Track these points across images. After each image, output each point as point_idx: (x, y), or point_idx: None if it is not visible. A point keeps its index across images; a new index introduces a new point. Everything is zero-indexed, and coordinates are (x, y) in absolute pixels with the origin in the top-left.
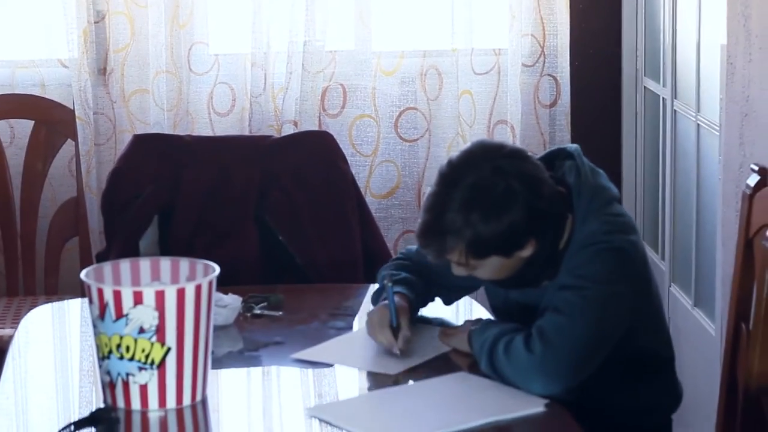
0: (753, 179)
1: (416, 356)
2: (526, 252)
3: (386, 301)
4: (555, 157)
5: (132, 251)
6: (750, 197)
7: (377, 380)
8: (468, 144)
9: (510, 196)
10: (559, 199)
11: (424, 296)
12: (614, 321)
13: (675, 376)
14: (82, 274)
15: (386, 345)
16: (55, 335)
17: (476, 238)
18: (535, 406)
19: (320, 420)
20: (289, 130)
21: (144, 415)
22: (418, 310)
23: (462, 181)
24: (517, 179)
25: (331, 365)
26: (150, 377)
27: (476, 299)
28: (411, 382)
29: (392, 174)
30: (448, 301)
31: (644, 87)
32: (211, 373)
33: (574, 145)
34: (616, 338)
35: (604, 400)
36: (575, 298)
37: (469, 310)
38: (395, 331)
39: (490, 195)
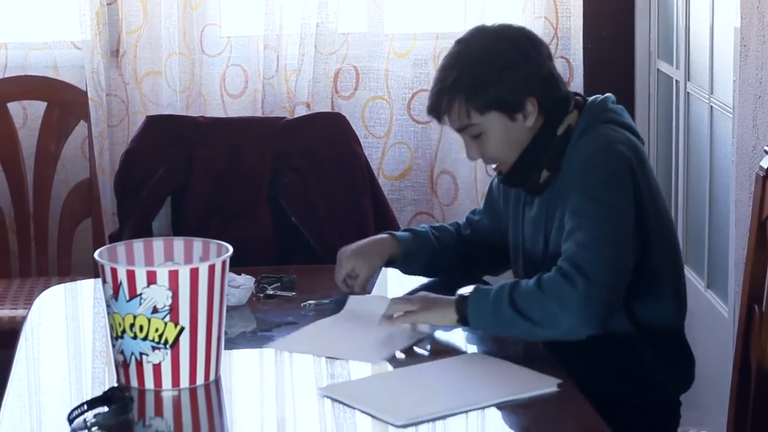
0: (766, 161)
1: (395, 343)
2: (529, 116)
3: None
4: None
5: (145, 232)
6: (763, 179)
7: (390, 361)
8: None
9: (511, 48)
10: (564, 85)
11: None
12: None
13: (686, 341)
14: (96, 254)
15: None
16: (68, 316)
17: (473, 82)
18: (548, 386)
19: (333, 399)
20: (301, 111)
21: (157, 394)
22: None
23: (462, 45)
24: (521, 36)
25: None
26: (163, 357)
27: None
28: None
29: (405, 156)
30: (494, 269)
31: (657, 69)
32: (224, 353)
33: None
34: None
35: (613, 373)
36: (596, 229)
37: None
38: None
39: (490, 49)
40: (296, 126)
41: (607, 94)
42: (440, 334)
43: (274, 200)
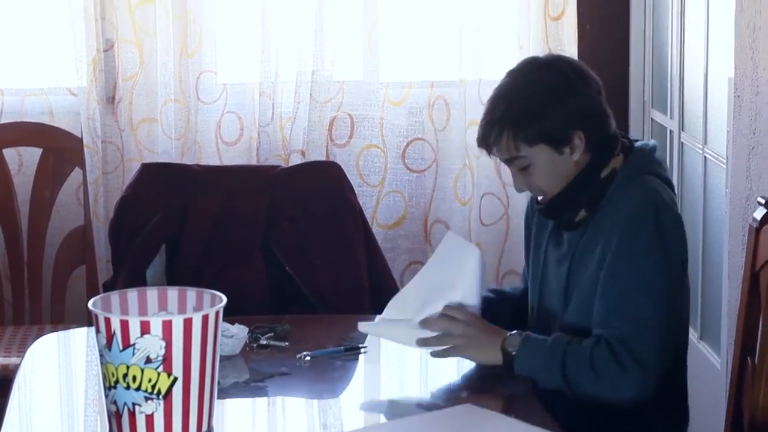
0: (760, 212)
1: None
2: (576, 150)
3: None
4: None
5: (139, 280)
6: (756, 230)
7: (385, 412)
8: None
9: (560, 81)
10: (613, 123)
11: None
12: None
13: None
14: (90, 304)
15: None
16: (61, 364)
17: (522, 115)
18: None
19: None
20: (296, 159)
21: None
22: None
23: (513, 75)
24: (571, 69)
25: (336, 396)
26: (156, 407)
27: None
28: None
29: (399, 204)
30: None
31: (651, 119)
32: (217, 403)
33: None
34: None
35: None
36: (647, 303)
37: None
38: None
39: (540, 81)
40: (291, 174)
41: (653, 143)
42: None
43: (269, 249)
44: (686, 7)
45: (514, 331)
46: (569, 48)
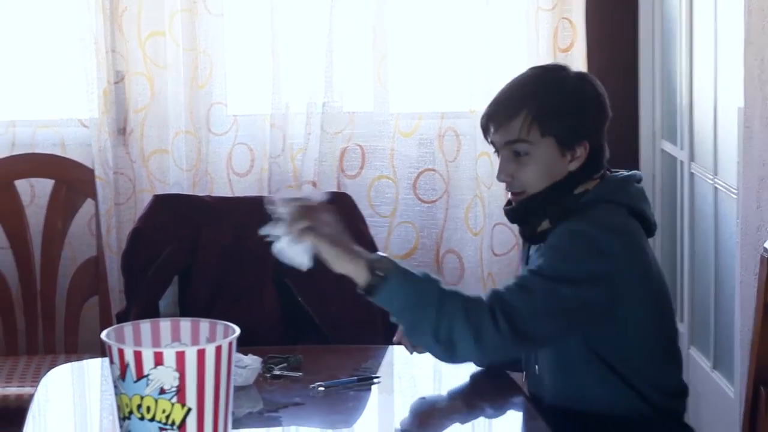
0: None
1: None
2: (575, 160)
3: None
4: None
5: (152, 311)
6: None
7: None
8: None
9: (592, 91)
10: (607, 151)
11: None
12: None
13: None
14: (103, 335)
15: None
16: (75, 395)
17: (547, 104)
18: None
19: None
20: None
21: None
22: None
23: (538, 71)
24: (601, 87)
25: (349, 427)
26: None
27: None
28: None
29: (411, 235)
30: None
31: (661, 149)
32: None
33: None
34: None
35: None
36: (544, 285)
37: None
38: None
39: (572, 83)
40: None
41: (633, 173)
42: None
43: (280, 280)
44: (695, 38)
45: (381, 254)
46: None
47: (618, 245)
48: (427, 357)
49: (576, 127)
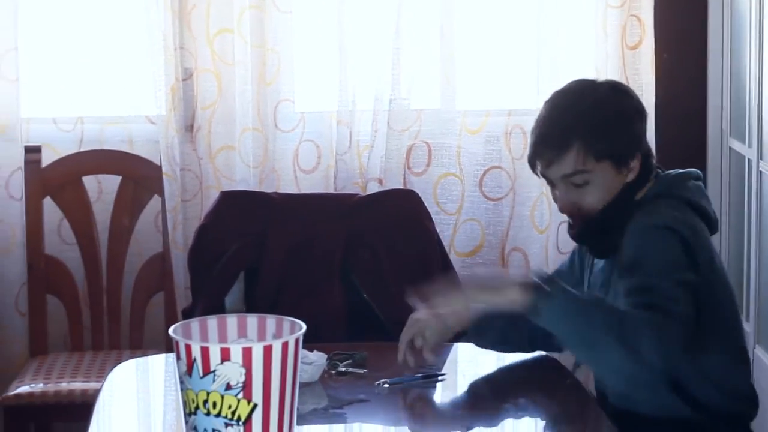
0: None
1: None
2: (631, 172)
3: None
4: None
5: (218, 308)
6: None
7: None
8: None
9: (629, 102)
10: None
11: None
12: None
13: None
14: (171, 330)
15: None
16: (140, 390)
17: (595, 129)
18: None
19: None
20: (374, 187)
21: None
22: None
23: (576, 93)
24: (633, 92)
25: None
26: None
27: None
28: None
29: (476, 233)
30: (532, 347)
31: (729, 147)
32: (296, 429)
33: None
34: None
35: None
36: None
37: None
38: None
39: (608, 99)
40: (369, 203)
41: (690, 170)
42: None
43: (347, 277)
44: (764, 35)
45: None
46: (646, 77)
47: (687, 231)
48: (491, 354)
49: (627, 143)
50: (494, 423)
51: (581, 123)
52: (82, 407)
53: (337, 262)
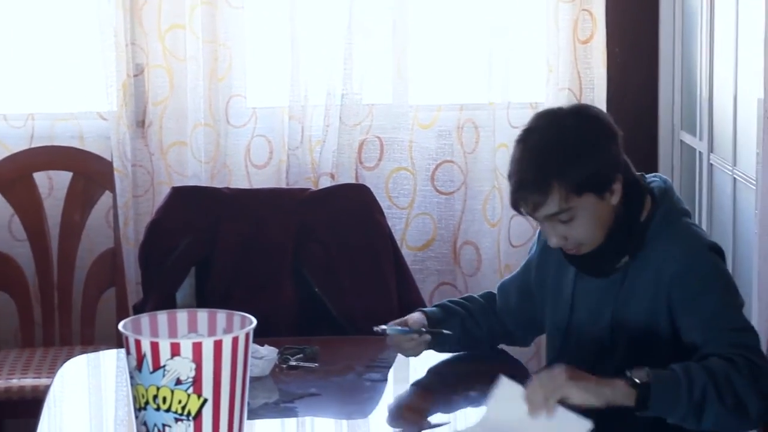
0: None
1: None
2: (614, 194)
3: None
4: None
5: (169, 303)
6: None
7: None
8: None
9: (597, 127)
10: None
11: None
12: None
13: None
14: (120, 326)
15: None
16: (91, 386)
17: (569, 164)
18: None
19: None
20: (326, 182)
21: None
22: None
23: (544, 130)
24: (600, 114)
25: (365, 417)
26: (186, 428)
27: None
28: None
29: (428, 227)
30: (524, 341)
31: (681, 140)
32: (247, 424)
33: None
34: None
35: None
36: (731, 310)
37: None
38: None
39: (579, 128)
40: (321, 197)
41: (668, 181)
42: None
43: (298, 271)
44: (715, 29)
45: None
46: (598, 71)
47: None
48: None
49: (603, 169)
50: (450, 411)
51: (554, 162)
52: (32, 403)
53: (289, 256)
